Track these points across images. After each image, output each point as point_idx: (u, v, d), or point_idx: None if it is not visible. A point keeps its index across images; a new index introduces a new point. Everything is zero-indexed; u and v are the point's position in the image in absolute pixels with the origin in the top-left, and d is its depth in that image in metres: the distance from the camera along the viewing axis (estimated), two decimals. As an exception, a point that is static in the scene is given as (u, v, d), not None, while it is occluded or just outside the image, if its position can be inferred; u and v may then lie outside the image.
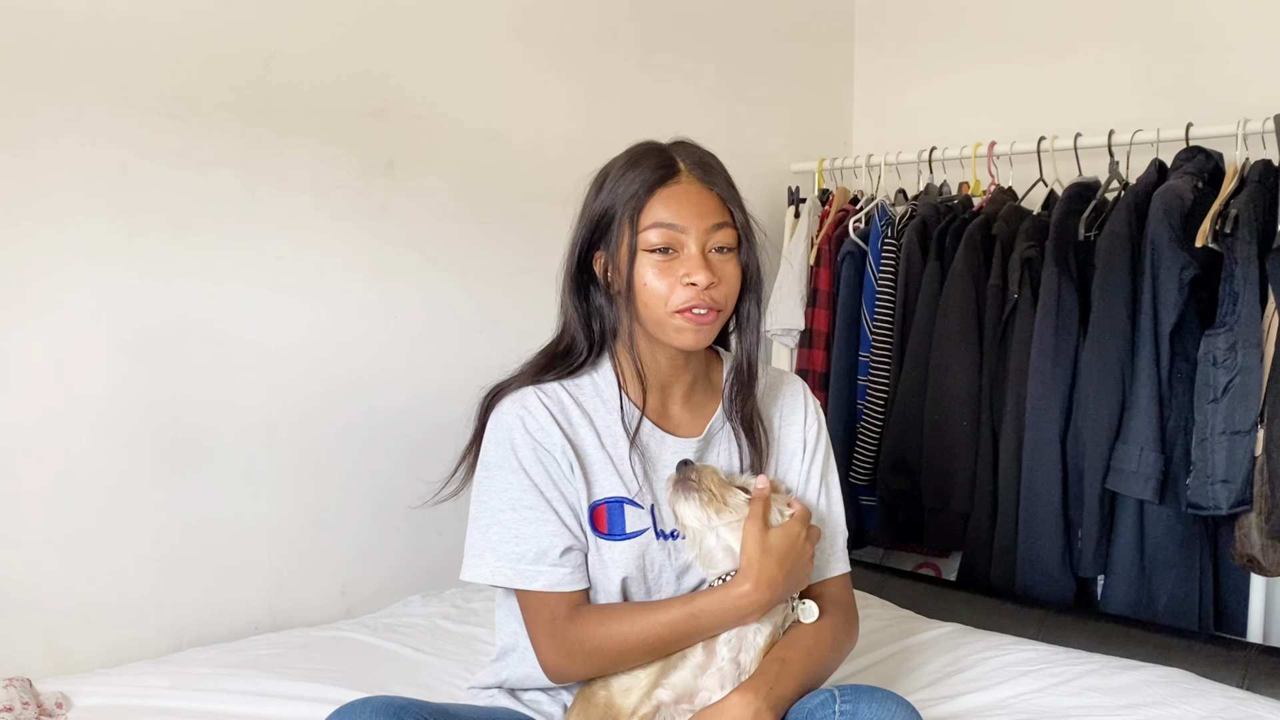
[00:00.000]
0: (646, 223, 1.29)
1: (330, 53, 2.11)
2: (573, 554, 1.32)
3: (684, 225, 1.29)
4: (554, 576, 1.31)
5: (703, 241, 1.30)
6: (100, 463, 1.85)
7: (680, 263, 1.29)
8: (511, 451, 1.33)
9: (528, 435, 1.33)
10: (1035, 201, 2.53)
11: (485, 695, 1.48)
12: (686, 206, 1.29)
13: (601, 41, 2.56)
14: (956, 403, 2.46)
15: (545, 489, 1.33)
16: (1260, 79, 2.36)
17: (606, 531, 1.33)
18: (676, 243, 1.29)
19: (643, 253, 1.30)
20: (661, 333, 1.33)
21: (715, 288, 1.30)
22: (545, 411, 1.34)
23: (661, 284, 1.29)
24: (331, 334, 2.14)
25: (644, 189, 1.30)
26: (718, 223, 1.31)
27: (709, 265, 1.29)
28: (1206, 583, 2.22)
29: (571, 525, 1.33)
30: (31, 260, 1.77)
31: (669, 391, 1.42)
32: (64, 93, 1.79)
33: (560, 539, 1.31)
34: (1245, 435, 2.04)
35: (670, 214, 1.29)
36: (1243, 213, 2.08)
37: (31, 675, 1.64)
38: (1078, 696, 1.66)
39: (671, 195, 1.30)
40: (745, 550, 1.27)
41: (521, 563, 1.31)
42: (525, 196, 2.37)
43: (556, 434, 1.34)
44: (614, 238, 1.31)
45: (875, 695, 1.20)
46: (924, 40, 3.01)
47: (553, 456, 1.33)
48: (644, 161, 1.32)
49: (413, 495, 2.16)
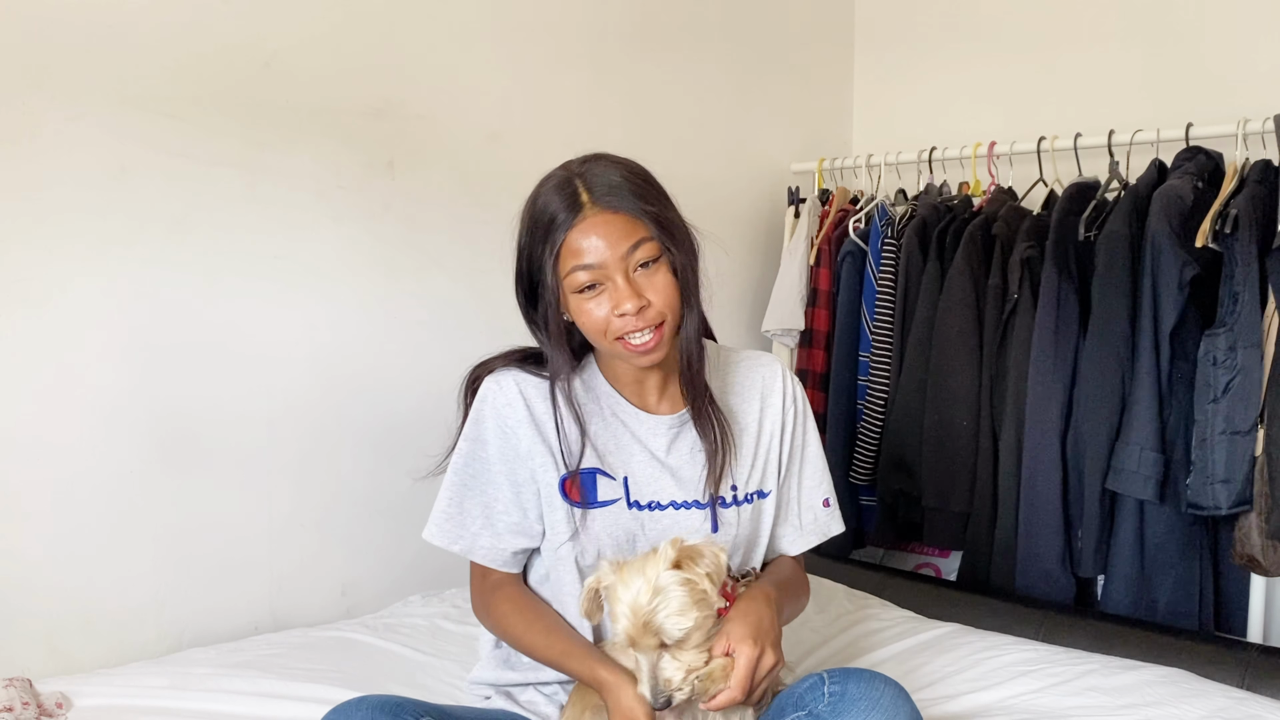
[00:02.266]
0: (566, 268, 1.31)
1: (330, 53, 2.11)
2: (501, 528, 1.41)
3: (600, 260, 1.30)
4: (474, 544, 1.42)
5: (624, 267, 1.30)
6: (100, 463, 1.85)
7: (608, 294, 1.31)
8: (476, 423, 1.43)
9: (495, 411, 1.41)
10: (1035, 201, 2.53)
11: (482, 697, 1.49)
12: (598, 241, 1.30)
13: (602, 41, 2.56)
14: (956, 402, 2.46)
15: (493, 462, 1.41)
16: (1260, 79, 2.36)
17: (579, 500, 1.39)
18: (600, 277, 1.31)
19: (572, 294, 1.33)
20: (616, 356, 1.38)
21: (648, 308, 1.31)
22: (516, 390, 1.41)
23: (596, 317, 1.32)
24: (331, 334, 2.14)
25: (557, 233, 1.32)
26: (632, 245, 1.30)
27: (636, 289, 1.30)
28: (1206, 583, 2.22)
29: (508, 500, 1.41)
30: (32, 260, 1.77)
31: (644, 384, 1.45)
32: (64, 93, 1.79)
33: (493, 512, 1.41)
34: (1245, 435, 2.04)
35: (585, 253, 1.30)
36: (1243, 213, 2.08)
37: (31, 675, 1.64)
38: (1078, 696, 1.66)
39: (581, 233, 1.30)
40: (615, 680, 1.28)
41: (448, 523, 1.43)
42: (525, 196, 2.35)
43: (522, 411, 1.40)
44: (544, 282, 1.34)
45: (863, 675, 1.22)
46: (924, 40, 3.01)
47: (515, 433, 1.40)
48: (551, 203, 1.34)
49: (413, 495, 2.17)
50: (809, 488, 1.55)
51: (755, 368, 1.53)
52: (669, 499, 1.41)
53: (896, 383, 2.59)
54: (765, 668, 1.25)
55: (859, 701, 1.18)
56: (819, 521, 1.54)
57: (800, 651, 1.85)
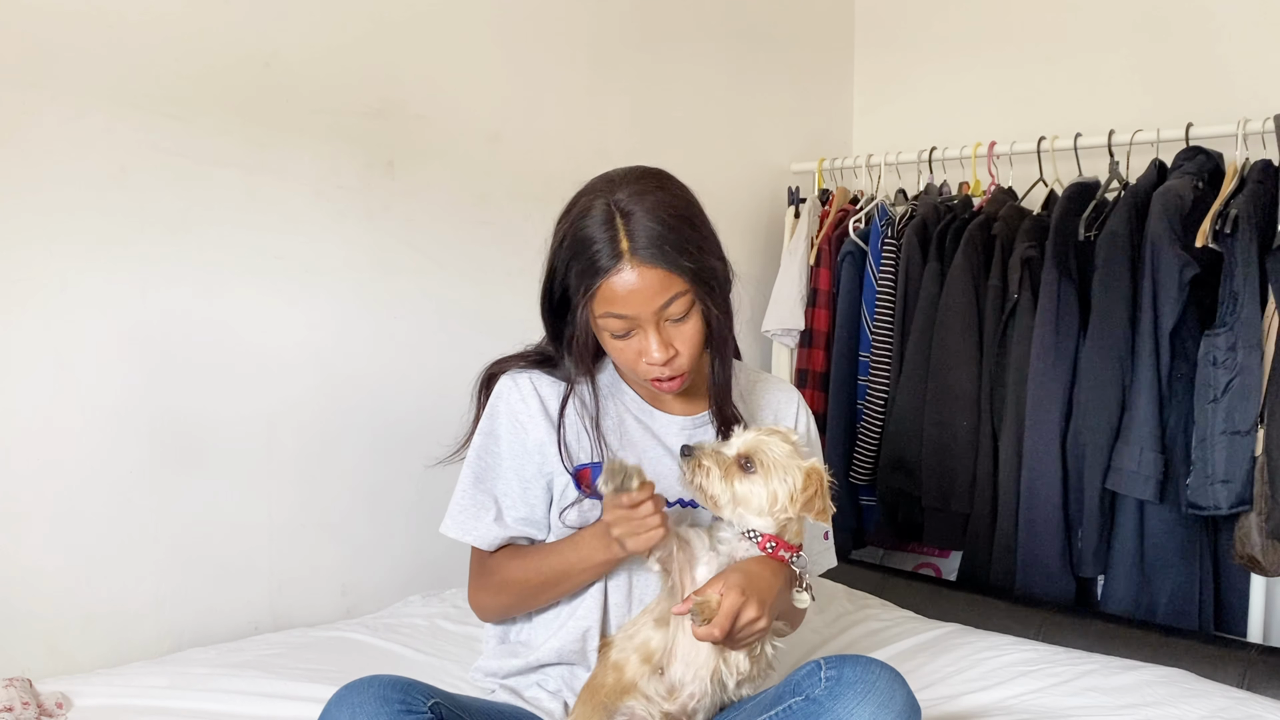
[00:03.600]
0: (600, 310, 1.34)
1: (330, 53, 2.11)
2: (509, 520, 1.44)
3: (634, 314, 1.32)
4: (486, 535, 1.45)
5: (656, 320, 1.33)
6: (100, 463, 1.85)
7: (638, 340, 1.35)
8: (491, 418, 1.47)
9: (508, 406, 1.45)
10: (1035, 201, 2.54)
11: (487, 690, 1.50)
12: (634, 297, 1.31)
13: (602, 41, 2.56)
14: (956, 403, 2.46)
15: (505, 457, 1.45)
16: (1260, 79, 2.36)
17: (593, 492, 1.40)
18: (632, 326, 1.34)
19: (603, 330, 1.37)
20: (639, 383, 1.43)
21: (675, 358, 1.35)
22: (530, 386, 1.45)
23: (626, 356, 1.37)
24: (332, 333, 2.14)
25: (594, 277, 1.32)
26: (666, 301, 1.32)
27: (664, 340, 1.34)
28: (1206, 583, 2.22)
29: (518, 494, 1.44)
30: (31, 260, 1.77)
31: None
32: (64, 93, 1.79)
33: (502, 504, 1.44)
34: (1245, 435, 2.04)
35: (620, 303, 1.32)
36: (1243, 213, 2.08)
37: (31, 675, 1.64)
38: (1078, 696, 1.66)
39: (618, 284, 1.31)
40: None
41: (463, 515, 1.46)
42: (525, 196, 2.37)
43: (535, 405, 1.44)
44: (574, 311, 1.36)
45: (859, 661, 1.23)
46: (924, 40, 3.01)
47: (525, 429, 1.44)
48: (592, 237, 1.32)
49: (413, 495, 2.18)
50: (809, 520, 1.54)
51: (773, 392, 1.58)
52: (676, 496, 1.43)
53: (896, 383, 2.59)
54: (746, 618, 1.26)
55: (855, 685, 1.19)
56: (814, 554, 1.55)
57: (801, 651, 1.85)
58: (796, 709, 1.22)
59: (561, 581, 1.42)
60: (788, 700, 1.24)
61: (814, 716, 1.19)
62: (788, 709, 1.23)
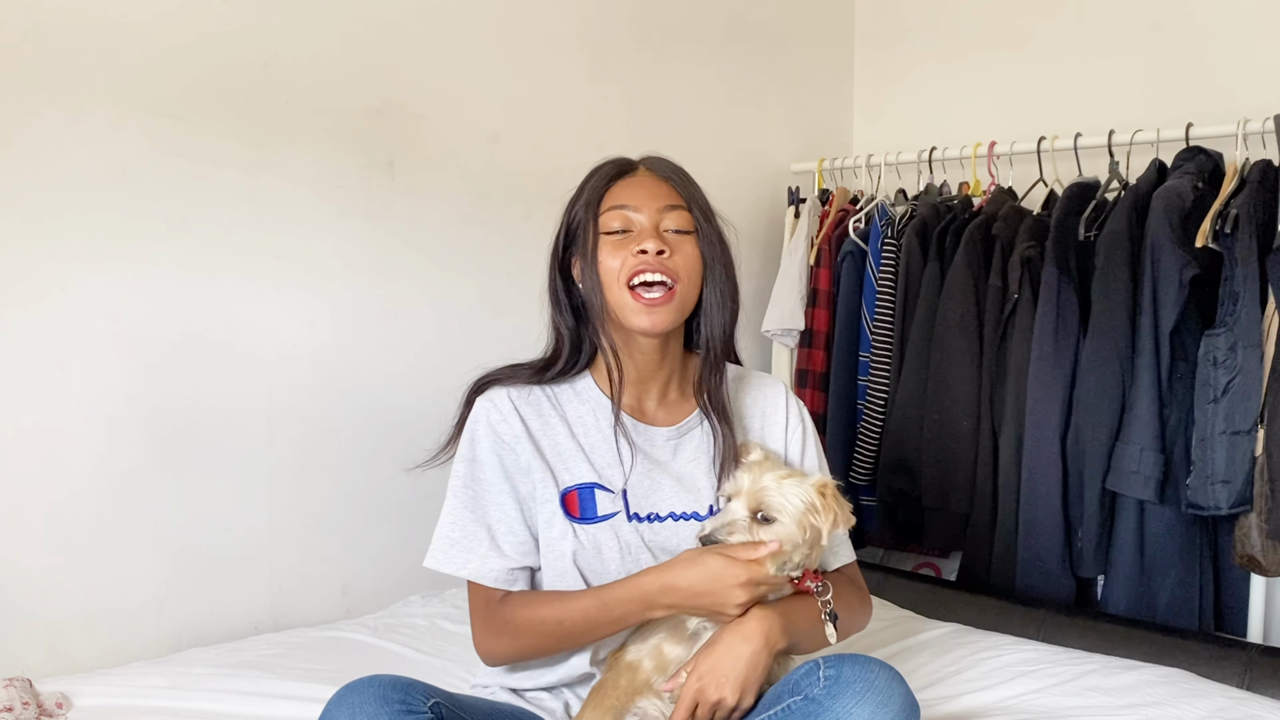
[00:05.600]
0: (605, 209, 1.38)
1: (330, 53, 2.11)
2: (505, 549, 1.38)
3: (636, 205, 1.37)
4: (480, 568, 1.38)
5: (655, 220, 1.37)
6: (100, 463, 1.85)
7: (634, 239, 1.36)
8: (471, 443, 1.42)
9: (489, 428, 1.41)
10: (1035, 201, 2.53)
11: (487, 692, 1.49)
12: (639, 190, 1.39)
13: (602, 41, 2.56)
14: (956, 403, 2.46)
15: (493, 482, 1.40)
16: (1260, 79, 2.36)
17: (579, 515, 1.38)
18: (631, 223, 1.37)
19: (603, 236, 1.38)
20: (622, 316, 1.37)
21: (668, 257, 1.35)
22: (510, 405, 1.41)
23: (615, 260, 1.36)
24: (332, 333, 2.14)
25: (603, 182, 1.41)
26: (670, 204, 1.38)
27: (660, 237, 1.36)
28: (1206, 583, 2.22)
29: (506, 522, 1.39)
30: (31, 260, 1.77)
31: (646, 388, 1.46)
32: (64, 93, 1.79)
33: (496, 532, 1.38)
34: (1245, 435, 2.04)
35: (624, 197, 1.38)
36: (1243, 213, 2.08)
37: (31, 675, 1.64)
38: (1078, 696, 1.66)
39: (627, 184, 1.40)
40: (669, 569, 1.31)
41: (454, 549, 1.39)
42: (525, 196, 2.37)
43: (518, 426, 1.40)
44: (581, 235, 1.40)
45: (858, 660, 1.23)
46: (924, 40, 3.01)
47: (512, 450, 1.40)
48: (605, 166, 1.44)
49: (413, 495, 2.18)
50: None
51: (759, 388, 1.55)
52: (668, 510, 1.41)
53: (896, 383, 2.59)
54: (708, 702, 1.27)
55: (854, 684, 1.19)
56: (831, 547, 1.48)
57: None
58: (795, 708, 1.21)
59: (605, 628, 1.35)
60: (786, 699, 1.24)
61: (813, 715, 1.19)
62: (786, 709, 1.22)
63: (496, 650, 1.40)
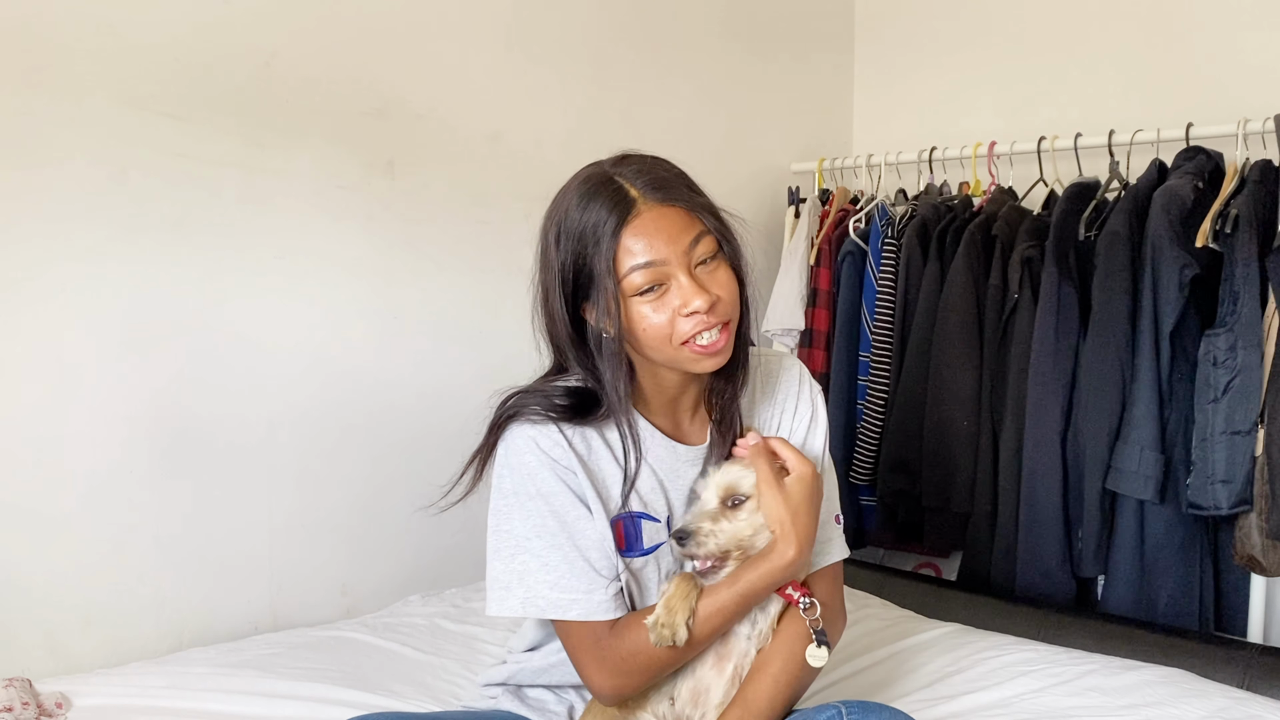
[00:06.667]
0: (624, 269, 1.20)
1: (330, 53, 2.11)
2: (605, 574, 1.27)
3: (662, 258, 1.20)
4: (589, 604, 1.25)
5: (686, 263, 1.21)
6: (100, 463, 1.85)
7: (673, 294, 1.22)
8: (528, 476, 1.27)
9: (543, 454, 1.27)
10: (1035, 201, 2.53)
11: (489, 696, 1.48)
12: (657, 237, 1.20)
13: (602, 41, 2.56)
14: (956, 403, 2.46)
15: (567, 510, 1.27)
16: (1260, 79, 2.36)
17: (625, 548, 1.29)
18: (661, 276, 1.21)
19: (631, 298, 1.22)
20: (678, 365, 1.27)
21: (718, 305, 1.23)
22: (556, 430, 1.28)
23: (660, 320, 1.22)
24: (332, 333, 2.14)
25: (608, 235, 1.20)
26: (693, 238, 1.22)
27: (701, 285, 1.22)
28: (1206, 583, 2.22)
29: (597, 544, 1.28)
30: (31, 260, 1.77)
31: (679, 404, 1.37)
32: (64, 93, 1.79)
33: (592, 559, 1.27)
34: (1245, 435, 2.04)
35: (644, 251, 1.20)
36: (1243, 213, 2.08)
37: (31, 675, 1.64)
38: (1078, 696, 1.66)
39: (638, 231, 1.20)
40: (772, 515, 1.25)
41: (555, 590, 1.25)
42: (525, 196, 2.37)
43: (569, 451, 1.28)
44: (596, 291, 1.22)
45: (883, 711, 1.19)
46: (924, 40, 3.01)
47: (572, 472, 1.28)
48: (595, 201, 1.22)
49: (413, 495, 2.17)
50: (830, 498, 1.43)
51: (780, 370, 1.48)
52: None
53: (896, 383, 2.59)
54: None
55: None
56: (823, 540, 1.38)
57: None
58: None
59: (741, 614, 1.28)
60: None
61: None
62: None
63: (628, 686, 1.27)
